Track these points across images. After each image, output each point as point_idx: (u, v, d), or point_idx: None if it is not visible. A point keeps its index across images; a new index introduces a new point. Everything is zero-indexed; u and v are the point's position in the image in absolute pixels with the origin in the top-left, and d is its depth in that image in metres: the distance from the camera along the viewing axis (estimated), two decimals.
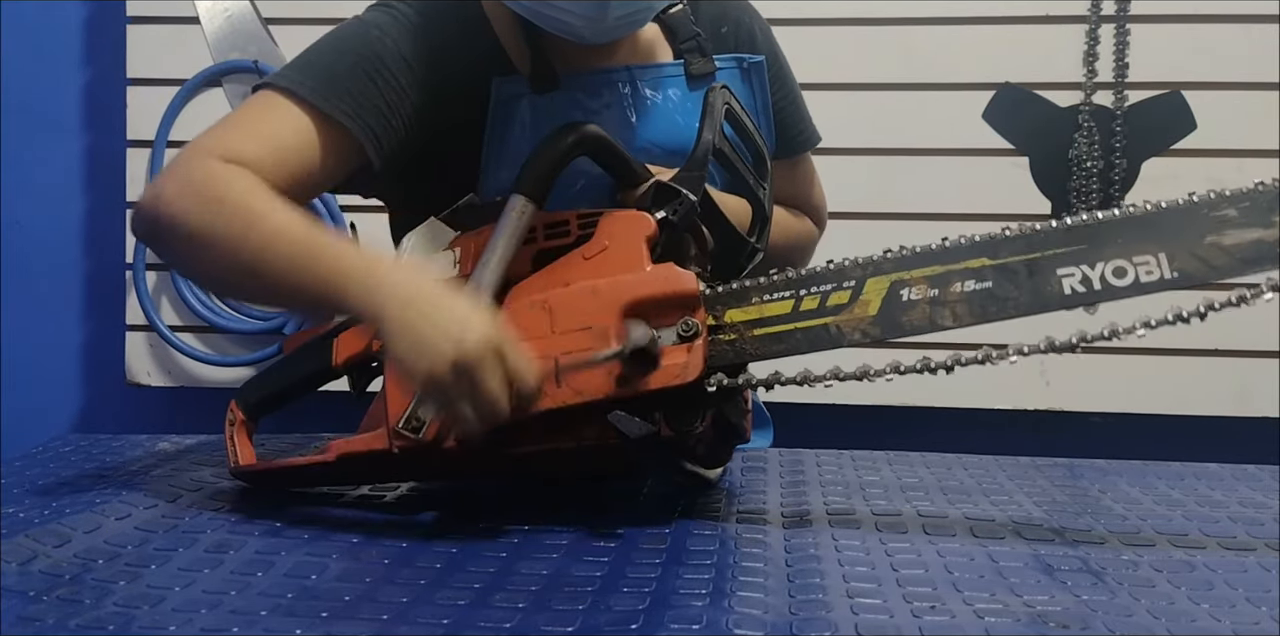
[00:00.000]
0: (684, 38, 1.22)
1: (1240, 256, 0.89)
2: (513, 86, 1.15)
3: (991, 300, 0.92)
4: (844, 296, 0.95)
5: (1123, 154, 1.92)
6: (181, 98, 2.03)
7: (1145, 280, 0.90)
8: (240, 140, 1.06)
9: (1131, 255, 0.90)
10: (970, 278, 0.92)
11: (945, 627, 0.75)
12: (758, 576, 0.85)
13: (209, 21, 2.04)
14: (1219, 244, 0.89)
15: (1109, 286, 0.90)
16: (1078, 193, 1.93)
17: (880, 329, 0.94)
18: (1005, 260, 0.92)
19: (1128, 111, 1.92)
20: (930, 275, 0.93)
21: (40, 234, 2.18)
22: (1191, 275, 0.89)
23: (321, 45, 1.14)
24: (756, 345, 0.97)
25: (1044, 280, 0.91)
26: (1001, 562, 0.90)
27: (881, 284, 0.94)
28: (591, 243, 0.99)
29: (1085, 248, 0.91)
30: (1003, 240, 0.92)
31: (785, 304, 0.97)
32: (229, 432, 1.12)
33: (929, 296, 0.93)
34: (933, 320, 0.93)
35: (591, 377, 0.95)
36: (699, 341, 0.95)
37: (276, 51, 2.03)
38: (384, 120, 1.10)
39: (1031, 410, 1.90)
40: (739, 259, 1.07)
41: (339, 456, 1.04)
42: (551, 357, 0.95)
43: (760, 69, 1.26)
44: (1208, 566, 0.90)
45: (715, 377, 0.96)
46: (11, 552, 0.87)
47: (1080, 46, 1.92)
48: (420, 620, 0.76)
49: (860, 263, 0.96)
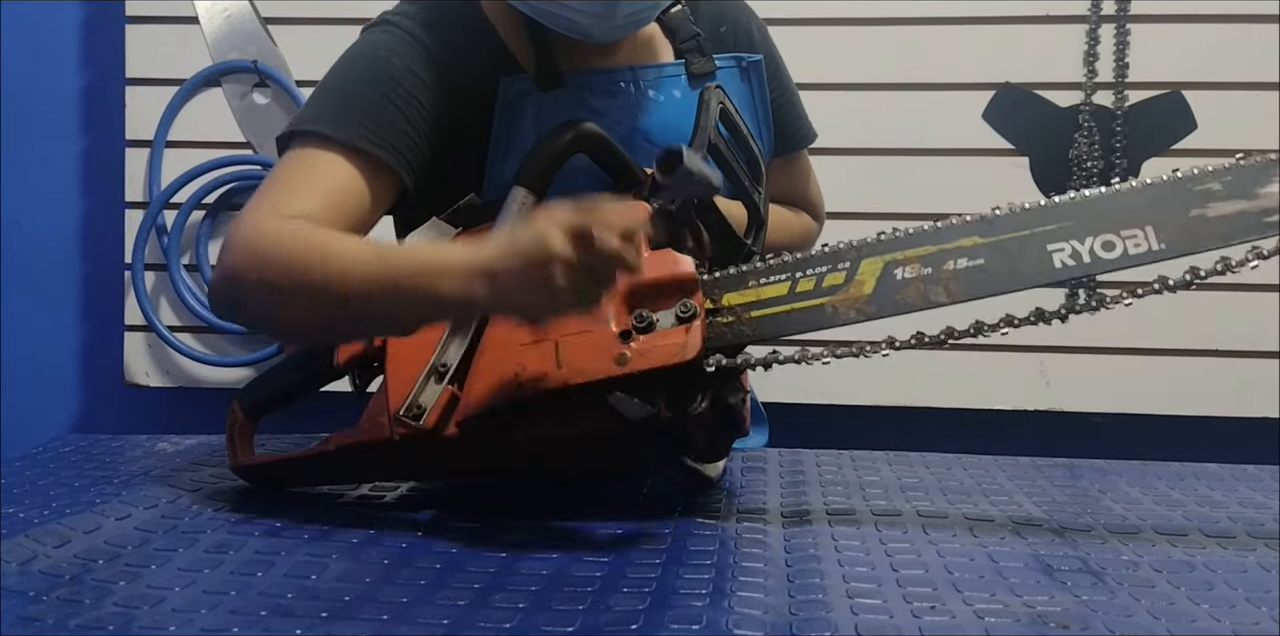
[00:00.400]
0: (684, 37, 1.23)
1: (1226, 227, 0.91)
2: (519, 85, 1.15)
3: (984, 276, 0.94)
4: (839, 277, 0.97)
5: (1123, 154, 1.92)
6: (180, 98, 2.03)
7: (1133, 252, 0.92)
8: (288, 199, 1.06)
9: (1119, 229, 0.92)
10: (963, 256, 0.95)
11: (945, 627, 0.75)
12: (758, 576, 0.85)
13: (208, 21, 2.04)
14: (1204, 216, 0.91)
15: (1098, 259, 0.93)
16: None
17: (875, 307, 0.96)
18: (997, 238, 0.94)
19: (1128, 111, 1.92)
20: (923, 255, 0.95)
21: (39, 234, 2.18)
22: (1179, 243, 0.92)
23: (333, 79, 1.14)
24: (754, 326, 0.98)
25: (1035, 255, 0.93)
26: (1001, 562, 0.90)
27: (876, 264, 0.96)
28: None
29: (1074, 224, 0.93)
30: (994, 219, 0.95)
31: (781, 286, 0.98)
32: (230, 433, 1.12)
33: (922, 274, 0.95)
34: (926, 297, 0.95)
35: (593, 356, 0.95)
36: (697, 322, 0.96)
37: (276, 51, 2.03)
38: (408, 140, 1.10)
39: (1031, 410, 1.90)
40: (735, 261, 1.07)
41: (339, 447, 1.04)
42: (550, 342, 0.96)
43: (759, 68, 1.26)
44: (1208, 566, 0.90)
45: (714, 358, 0.97)
46: (11, 553, 0.87)
47: (1080, 46, 1.92)
48: (420, 620, 0.76)
49: (855, 245, 0.98)
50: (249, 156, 2.03)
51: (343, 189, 1.08)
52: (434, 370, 1.00)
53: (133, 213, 2.07)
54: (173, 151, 2.05)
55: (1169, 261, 0.92)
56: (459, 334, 1.00)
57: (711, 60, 1.22)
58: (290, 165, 1.10)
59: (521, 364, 0.96)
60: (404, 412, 0.99)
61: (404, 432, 1.00)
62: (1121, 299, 0.93)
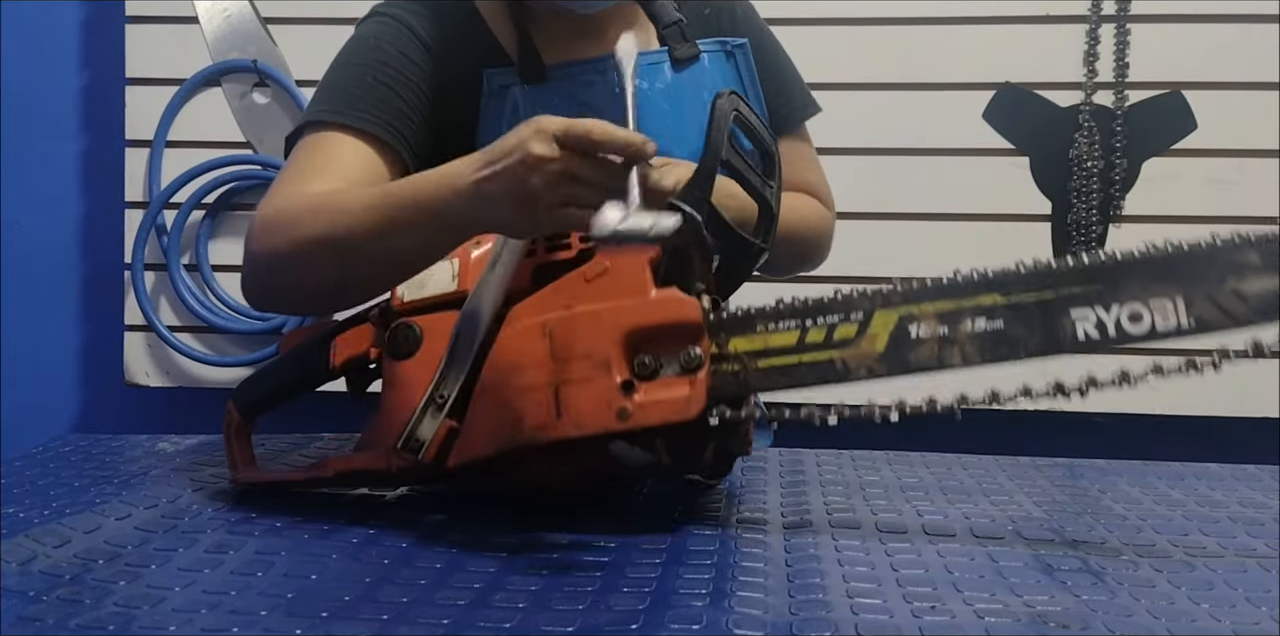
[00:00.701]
0: (666, 23, 1.23)
1: (1257, 306, 0.85)
2: (502, 77, 1.17)
3: (1002, 341, 0.90)
4: (851, 330, 0.92)
5: (1123, 154, 1.92)
6: (180, 97, 2.04)
7: (1161, 328, 0.87)
8: (306, 180, 1.08)
9: (1148, 298, 0.87)
10: (981, 315, 0.90)
11: (945, 628, 0.75)
12: (758, 576, 0.85)
13: (208, 21, 2.04)
14: (1239, 291, 0.86)
15: (1123, 332, 0.88)
16: (1078, 192, 1.93)
17: (887, 366, 0.92)
18: (1018, 298, 0.89)
19: (1128, 111, 1.92)
20: (940, 311, 0.90)
21: (39, 234, 2.18)
22: (1208, 323, 0.86)
23: (330, 73, 1.17)
24: (760, 377, 0.94)
25: (1056, 322, 0.89)
26: (1001, 563, 0.90)
27: (890, 318, 0.91)
28: (593, 264, 0.96)
29: (1101, 288, 0.88)
30: (1016, 276, 0.90)
31: (790, 335, 0.94)
32: (227, 434, 1.12)
33: (938, 334, 0.90)
34: (941, 360, 0.91)
35: (593, 409, 0.93)
36: (701, 374, 0.93)
37: (275, 51, 2.03)
38: (408, 121, 1.13)
39: (1031, 410, 1.90)
40: (745, 261, 1.07)
41: (338, 473, 1.05)
42: (551, 387, 0.94)
43: (745, 51, 1.26)
44: (1208, 566, 0.90)
45: (718, 409, 0.94)
46: (11, 553, 0.87)
47: (1080, 46, 1.92)
48: (420, 620, 0.76)
49: (869, 294, 0.93)
50: (249, 156, 2.03)
51: (358, 166, 1.10)
52: (432, 401, 0.97)
53: (132, 212, 2.07)
54: (172, 151, 2.05)
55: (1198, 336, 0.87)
56: (456, 364, 0.98)
57: (694, 44, 1.22)
58: (301, 153, 1.13)
59: (519, 413, 0.94)
60: (402, 445, 0.98)
61: (402, 466, 1.00)
62: (1145, 377, 0.89)
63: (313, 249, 1.01)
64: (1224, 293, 0.86)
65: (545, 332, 0.95)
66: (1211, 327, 0.87)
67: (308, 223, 1.01)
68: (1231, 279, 0.86)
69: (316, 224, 1.00)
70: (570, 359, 0.94)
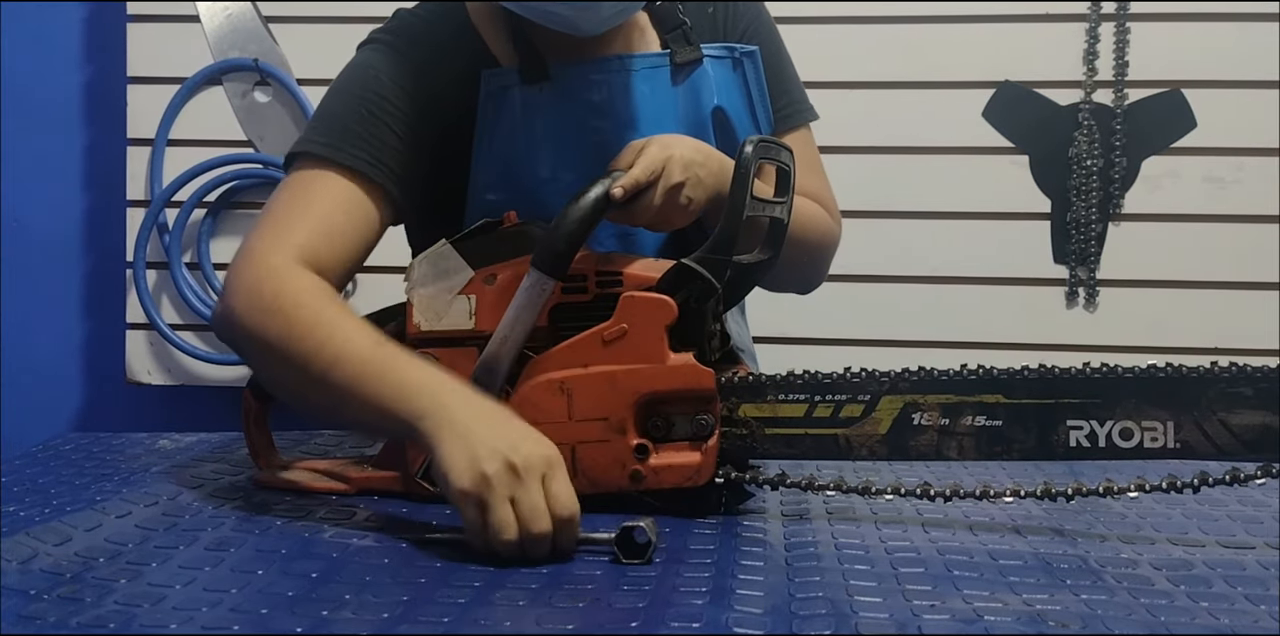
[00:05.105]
0: (670, 26, 1.22)
1: (1244, 438, 0.91)
2: (501, 79, 1.16)
3: (999, 440, 0.95)
4: (857, 410, 0.98)
5: (1123, 152, 1.92)
6: (182, 96, 2.04)
7: (1149, 446, 0.92)
8: (289, 230, 1.09)
9: (1141, 418, 0.92)
10: (982, 413, 0.95)
11: (945, 626, 0.75)
12: (757, 574, 0.85)
13: (209, 20, 2.04)
14: (1226, 422, 0.91)
15: (1113, 446, 0.93)
16: (1077, 191, 1.93)
17: (888, 449, 0.98)
18: (1019, 400, 0.95)
19: (1128, 109, 1.92)
20: (944, 402, 0.96)
21: (40, 232, 2.19)
22: (1193, 449, 0.92)
23: (328, 100, 1.18)
24: (767, 444, 1.00)
25: (1052, 429, 0.94)
26: (1001, 561, 0.90)
27: (895, 403, 0.97)
28: (611, 324, 1.00)
29: (1099, 402, 0.93)
30: (1020, 380, 0.95)
31: (799, 407, 0.99)
32: (245, 422, 1.14)
33: (939, 425, 0.96)
34: (939, 450, 0.97)
35: (608, 470, 1.00)
36: (712, 441, 0.99)
37: (276, 50, 2.03)
38: (400, 156, 1.13)
39: None
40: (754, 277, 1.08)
41: (360, 490, 1.09)
42: (568, 445, 0.98)
43: (754, 57, 1.25)
44: (1207, 565, 0.90)
45: (724, 469, 1.00)
46: (12, 551, 0.87)
47: (1080, 44, 1.92)
48: (420, 619, 0.76)
49: (878, 377, 0.98)
50: (250, 155, 2.03)
51: (343, 211, 1.11)
52: None
53: (134, 211, 2.07)
54: (174, 150, 2.05)
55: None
56: None
57: (697, 48, 1.22)
58: (290, 190, 1.13)
59: None
60: (421, 476, 1.04)
61: (421, 494, 1.05)
62: (1128, 490, 0.94)
63: (282, 363, 1.02)
64: (1212, 422, 0.91)
65: (563, 391, 1.00)
66: (1196, 454, 0.92)
67: (292, 337, 1.01)
68: (1221, 410, 0.91)
69: (300, 345, 1.00)
70: (586, 420, 0.99)
